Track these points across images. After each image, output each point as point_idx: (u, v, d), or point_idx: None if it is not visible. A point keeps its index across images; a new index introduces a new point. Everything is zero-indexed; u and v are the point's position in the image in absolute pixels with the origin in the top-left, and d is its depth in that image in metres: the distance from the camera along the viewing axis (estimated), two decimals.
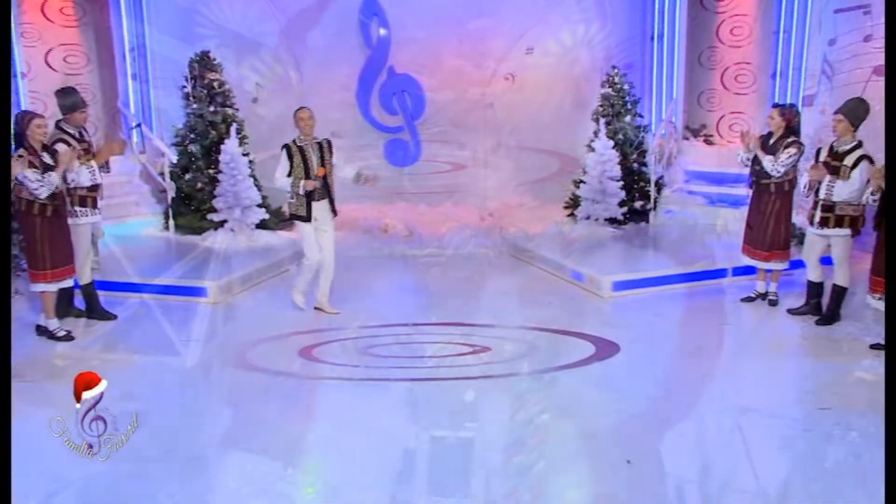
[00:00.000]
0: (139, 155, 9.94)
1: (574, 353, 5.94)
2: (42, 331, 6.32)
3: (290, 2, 10.28)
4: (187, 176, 9.63)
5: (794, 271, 7.50)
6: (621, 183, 9.45)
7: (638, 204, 9.86)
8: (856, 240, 6.40)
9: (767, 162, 6.68)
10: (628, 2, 10.61)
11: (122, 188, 9.61)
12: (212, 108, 9.58)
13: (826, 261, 6.61)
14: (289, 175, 6.67)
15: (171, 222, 9.64)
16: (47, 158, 6.06)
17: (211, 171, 9.51)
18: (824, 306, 6.62)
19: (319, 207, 6.77)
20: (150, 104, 10.17)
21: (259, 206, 9.42)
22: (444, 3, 10.33)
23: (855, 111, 6.14)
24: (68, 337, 6.30)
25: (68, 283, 6.38)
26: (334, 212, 6.88)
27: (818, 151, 6.51)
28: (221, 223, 9.34)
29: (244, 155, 9.39)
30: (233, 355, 6.02)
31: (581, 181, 9.54)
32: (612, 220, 9.53)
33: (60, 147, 6.30)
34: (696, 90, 10.81)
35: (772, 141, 6.78)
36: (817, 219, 6.38)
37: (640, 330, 6.51)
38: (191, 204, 9.61)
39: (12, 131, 5.91)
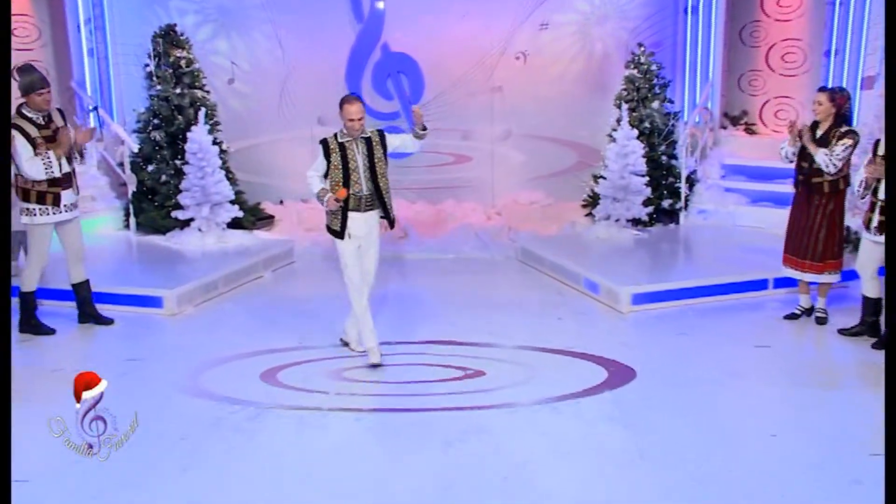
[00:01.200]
0: (96, 143, 9.69)
1: (582, 379, 5.71)
2: None
3: None
4: (150, 167, 9.46)
5: (847, 283, 7.21)
6: (646, 178, 9.21)
7: (666, 203, 9.66)
8: None
9: (822, 156, 6.37)
10: None
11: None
12: (178, 90, 9.38)
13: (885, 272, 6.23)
14: (326, 177, 5.85)
15: (132, 220, 9.48)
16: None
17: (177, 162, 9.34)
18: (882, 326, 6.26)
19: (362, 221, 5.85)
20: (109, 84, 10.01)
21: (232, 202, 9.18)
22: None
23: None
24: None
25: None
26: (390, 222, 6.04)
27: (877, 143, 6.16)
28: (188, 222, 9.10)
29: (215, 143, 9.16)
30: (182, 378, 5.79)
31: (600, 176, 9.24)
32: (635, 222, 9.33)
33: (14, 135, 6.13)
34: (736, 71, 10.58)
35: (820, 131, 6.48)
36: (875, 223, 6.09)
37: (662, 352, 6.28)
38: (154, 199, 9.45)
39: None
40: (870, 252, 6.24)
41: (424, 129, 5.93)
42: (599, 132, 10.07)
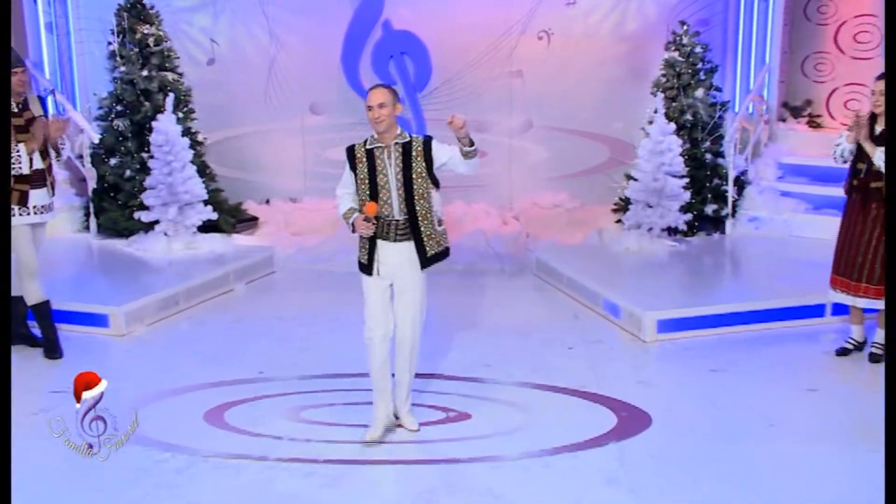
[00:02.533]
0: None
1: (585, 427, 5.42)
2: None
3: None
4: (113, 161, 9.36)
5: None
6: (685, 180, 8.95)
7: (710, 209, 9.41)
8: None
9: (881, 156, 6.03)
10: None
11: None
12: (145, 72, 9.27)
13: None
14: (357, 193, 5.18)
15: (93, 220, 9.39)
16: None
17: (143, 155, 9.24)
18: None
19: (394, 253, 5.07)
20: (71, 64, 9.97)
21: (205, 203, 9.06)
22: None
23: None
24: None
25: None
26: (422, 261, 5.11)
27: None
28: (153, 224, 8.98)
29: (187, 134, 9.05)
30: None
31: (632, 177, 8.94)
32: (672, 231, 9.05)
33: None
34: (799, 54, 10.48)
35: (879, 127, 6.13)
36: None
37: (687, 394, 5.99)
38: (117, 197, 9.35)
39: None
40: None
41: (472, 144, 4.90)
42: (635, 124, 9.91)
